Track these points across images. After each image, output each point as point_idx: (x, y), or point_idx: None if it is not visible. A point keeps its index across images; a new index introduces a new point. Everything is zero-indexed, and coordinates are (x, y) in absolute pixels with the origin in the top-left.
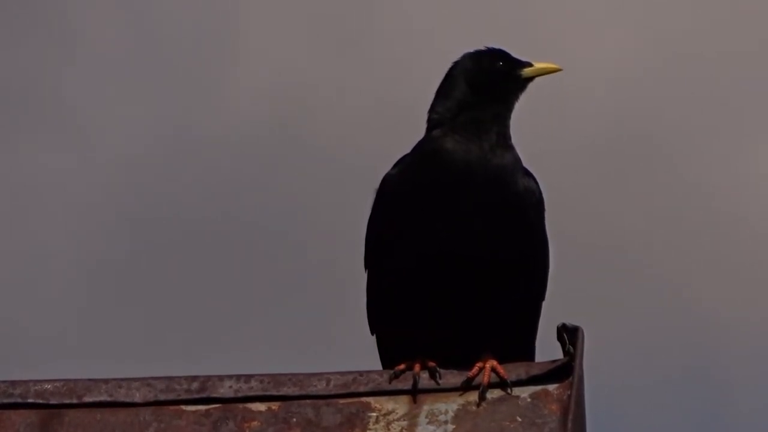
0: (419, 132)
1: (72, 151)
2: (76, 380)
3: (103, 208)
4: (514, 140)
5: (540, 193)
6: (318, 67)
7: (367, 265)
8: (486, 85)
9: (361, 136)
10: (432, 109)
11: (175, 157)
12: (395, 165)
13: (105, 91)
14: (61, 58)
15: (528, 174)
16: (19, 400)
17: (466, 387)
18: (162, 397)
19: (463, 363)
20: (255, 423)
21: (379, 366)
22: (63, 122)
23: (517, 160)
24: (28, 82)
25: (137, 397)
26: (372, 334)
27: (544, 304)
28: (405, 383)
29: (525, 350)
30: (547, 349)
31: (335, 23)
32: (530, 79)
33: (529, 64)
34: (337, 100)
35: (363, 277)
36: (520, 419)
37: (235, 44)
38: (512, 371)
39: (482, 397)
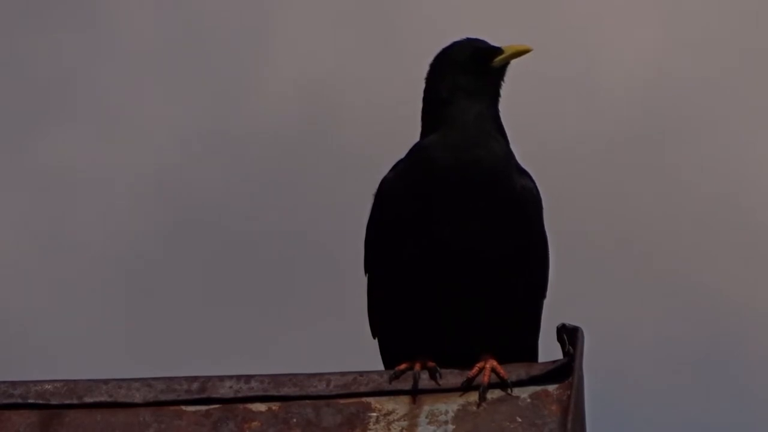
0: None
1: (89, 147)
2: (76, 380)
3: (108, 207)
4: (520, 136)
5: (536, 190)
6: (348, 66)
7: (366, 269)
8: (461, 83)
9: (390, 136)
10: (423, 112)
11: (188, 156)
12: (392, 168)
13: (136, 88)
14: (96, 55)
15: (523, 172)
16: (20, 401)
17: (467, 387)
18: (162, 397)
19: (463, 363)
20: (255, 423)
21: (379, 366)
22: (93, 118)
23: (508, 156)
24: (63, 77)
25: (137, 398)
26: (374, 337)
27: (546, 304)
28: (405, 383)
29: (528, 349)
30: (547, 349)
31: (365, 21)
32: (503, 67)
33: (500, 51)
34: (367, 100)
35: (364, 278)
36: (520, 419)
37: (267, 42)
38: (512, 371)
39: (482, 398)
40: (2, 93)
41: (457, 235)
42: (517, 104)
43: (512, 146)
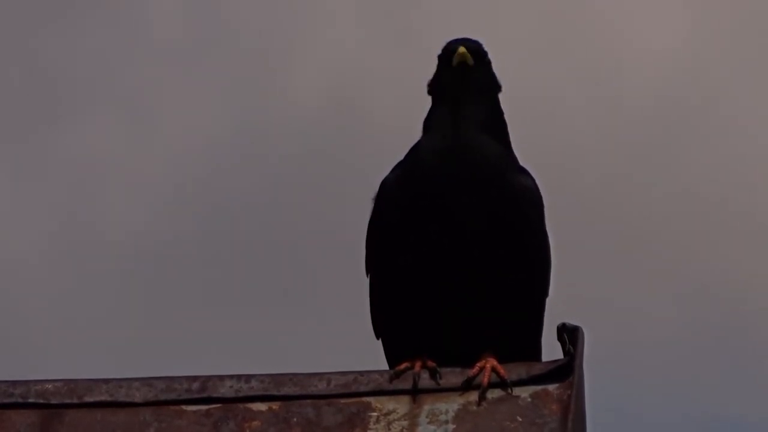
0: None
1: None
2: (76, 380)
3: (110, 207)
4: (525, 133)
5: (536, 189)
6: (377, 60)
7: (367, 270)
8: (446, 82)
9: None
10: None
11: (191, 157)
12: (392, 170)
13: (163, 82)
14: (125, 44)
15: (522, 170)
16: (20, 400)
17: (467, 387)
18: (162, 397)
19: (465, 362)
20: (256, 423)
21: (381, 366)
22: (123, 109)
23: (502, 155)
24: (93, 67)
25: (137, 397)
26: (377, 338)
27: (548, 303)
28: (405, 383)
29: (531, 348)
30: (547, 348)
31: (395, 13)
32: (460, 66)
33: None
34: (391, 101)
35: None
36: (520, 419)
37: (296, 33)
38: (512, 371)
39: (482, 397)
40: (30, 85)
41: (453, 234)
42: (524, 102)
43: (517, 145)
